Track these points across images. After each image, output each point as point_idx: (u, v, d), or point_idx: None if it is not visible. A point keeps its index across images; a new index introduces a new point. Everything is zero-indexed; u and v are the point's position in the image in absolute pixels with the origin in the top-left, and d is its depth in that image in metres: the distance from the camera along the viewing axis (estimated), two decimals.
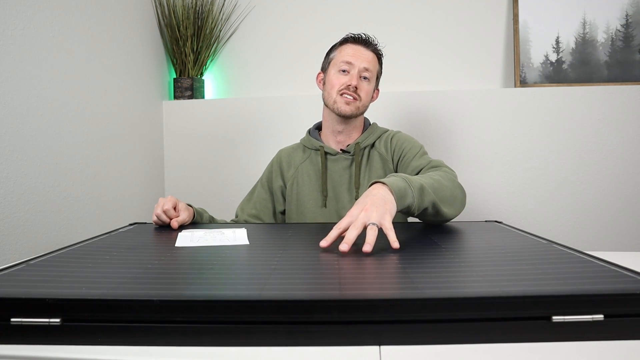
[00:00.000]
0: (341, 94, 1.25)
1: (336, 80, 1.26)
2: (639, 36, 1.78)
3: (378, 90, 1.35)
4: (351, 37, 1.29)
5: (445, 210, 1.01)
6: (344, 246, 0.77)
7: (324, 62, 1.35)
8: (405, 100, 1.82)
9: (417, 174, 1.19)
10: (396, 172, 1.28)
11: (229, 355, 0.51)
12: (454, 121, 1.81)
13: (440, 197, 0.99)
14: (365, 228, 0.81)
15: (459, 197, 1.07)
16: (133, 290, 0.58)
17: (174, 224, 1.06)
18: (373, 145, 1.31)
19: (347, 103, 1.24)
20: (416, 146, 1.29)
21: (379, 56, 1.31)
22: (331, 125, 1.31)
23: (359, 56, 1.26)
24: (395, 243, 0.79)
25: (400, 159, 1.27)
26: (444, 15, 1.91)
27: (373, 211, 0.82)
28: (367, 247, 0.76)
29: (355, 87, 1.24)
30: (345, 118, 1.27)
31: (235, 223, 1.32)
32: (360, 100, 1.26)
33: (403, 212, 0.93)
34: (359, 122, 1.32)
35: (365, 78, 1.26)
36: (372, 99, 1.32)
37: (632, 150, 1.73)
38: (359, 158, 1.28)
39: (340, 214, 1.26)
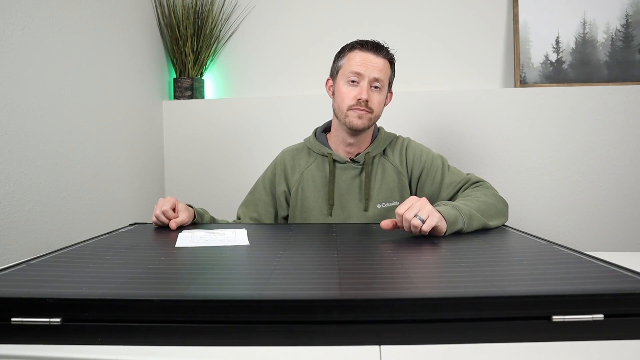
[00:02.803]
0: (352, 108, 1.20)
1: (346, 93, 1.20)
2: (639, 36, 1.78)
3: (391, 93, 1.30)
4: (359, 43, 1.22)
5: (492, 224, 1.06)
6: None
7: (332, 67, 1.29)
8: (405, 101, 1.82)
9: (457, 190, 1.22)
10: (413, 185, 1.28)
11: (229, 355, 0.51)
12: (453, 121, 1.81)
13: (487, 217, 1.05)
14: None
15: (503, 211, 1.12)
16: (133, 290, 0.58)
17: (172, 225, 1.05)
18: (384, 152, 1.28)
19: (359, 117, 1.19)
20: (436, 158, 1.27)
21: (390, 61, 1.24)
22: (341, 135, 1.26)
23: (369, 65, 1.19)
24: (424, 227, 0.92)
25: (423, 174, 1.25)
26: (444, 15, 1.91)
27: (427, 205, 0.94)
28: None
29: (366, 101, 1.18)
30: (357, 131, 1.23)
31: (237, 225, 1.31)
32: (372, 112, 1.21)
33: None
34: (369, 132, 1.28)
35: (376, 87, 1.20)
36: (385, 104, 1.28)
37: (632, 150, 1.73)
38: (369, 168, 1.24)
39: (346, 223, 1.24)
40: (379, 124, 1.35)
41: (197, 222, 1.16)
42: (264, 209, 1.32)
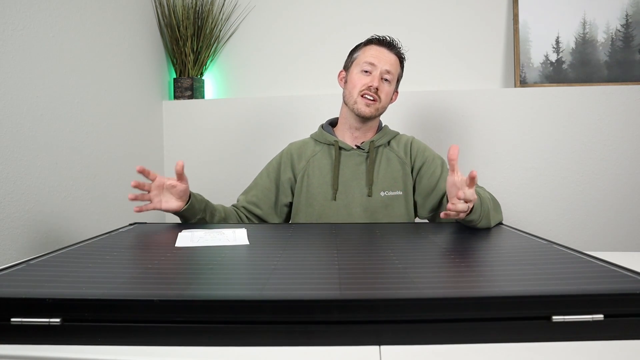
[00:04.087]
0: (362, 95, 1.26)
1: (358, 80, 1.27)
2: (639, 36, 1.78)
3: (397, 92, 1.36)
4: (376, 38, 1.31)
5: (492, 223, 1.09)
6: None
7: (346, 60, 1.36)
8: (405, 100, 1.82)
9: None
10: (413, 175, 1.31)
11: (229, 355, 0.51)
12: (454, 121, 1.81)
13: (492, 214, 1.09)
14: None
15: (499, 211, 1.17)
16: (133, 290, 0.58)
17: (179, 164, 1.10)
18: (388, 144, 1.33)
19: (367, 105, 1.26)
20: (437, 157, 1.33)
21: (401, 59, 1.32)
22: (348, 122, 1.32)
23: (382, 58, 1.27)
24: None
25: (424, 167, 1.30)
26: (444, 16, 1.91)
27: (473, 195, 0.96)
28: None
29: (377, 89, 1.25)
30: (364, 119, 1.28)
31: (234, 208, 1.33)
32: (380, 101, 1.27)
33: (464, 222, 1.02)
34: (375, 123, 1.34)
35: (386, 80, 1.28)
36: (391, 100, 1.34)
37: (632, 150, 1.73)
38: (373, 155, 1.29)
39: (350, 208, 1.27)
40: (383, 122, 1.38)
41: (192, 204, 1.15)
42: (264, 195, 1.34)
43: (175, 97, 1.97)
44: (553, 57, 1.81)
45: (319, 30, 1.97)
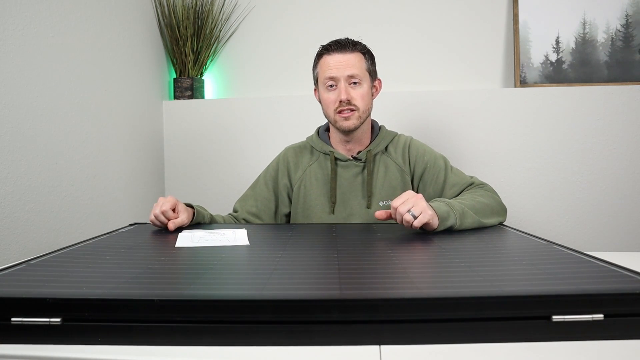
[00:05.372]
0: (338, 112, 1.21)
1: (327, 99, 1.23)
2: (639, 36, 1.78)
3: (379, 80, 1.30)
4: (324, 48, 1.25)
5: (487, 222, 1.09)
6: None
7: (313, 78, 1.31)
8: (405, 100, 1.82)
9: (461, 191, 1.22)
10: (415, 184, 1.28)
11: (229, 355, 0.51)
12: (453, 121, 1.81)
13: (482, 215, 1.08)
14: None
15: (499, 212, 1.15)
16: (133, 290, 0.58)
17: (171, 226, 1.03)
18: (386, 149, 1.29)
19: (347, 118, 1.21)
20: (439, 158, 1.28)
21: (361, 52, 1.23)
22: (338, 136, 1.28)
23: (339, 66, 1.20)
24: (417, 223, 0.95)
25: (426, 174, 1.26)
26: (444, 15, 1.91)
27: (421, 202, 0.96)
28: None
29: (348, 100, 1.19)
30: (351, 131, 1.24)
31: (234, 218, 1.31)
32: (358, 109, 1.21)
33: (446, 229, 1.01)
34: (366, 127, 1.28)
35: (355, 83, 1.21)
36: (374, 94, 1.28)
37: (632, 150, 1.73)
38: (370, 165, 1.25)
39: (349, 221, 1.24)
40: (380, 122, 1.36)
41: (199, 221, 1.15)
42: (264, 205, 1.32)
43: (175, 97, 1.97)
44: (553, 57, 1.81)
45: (318, 30, 1.97)
